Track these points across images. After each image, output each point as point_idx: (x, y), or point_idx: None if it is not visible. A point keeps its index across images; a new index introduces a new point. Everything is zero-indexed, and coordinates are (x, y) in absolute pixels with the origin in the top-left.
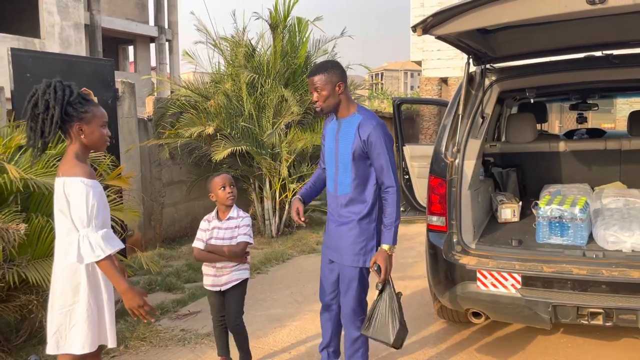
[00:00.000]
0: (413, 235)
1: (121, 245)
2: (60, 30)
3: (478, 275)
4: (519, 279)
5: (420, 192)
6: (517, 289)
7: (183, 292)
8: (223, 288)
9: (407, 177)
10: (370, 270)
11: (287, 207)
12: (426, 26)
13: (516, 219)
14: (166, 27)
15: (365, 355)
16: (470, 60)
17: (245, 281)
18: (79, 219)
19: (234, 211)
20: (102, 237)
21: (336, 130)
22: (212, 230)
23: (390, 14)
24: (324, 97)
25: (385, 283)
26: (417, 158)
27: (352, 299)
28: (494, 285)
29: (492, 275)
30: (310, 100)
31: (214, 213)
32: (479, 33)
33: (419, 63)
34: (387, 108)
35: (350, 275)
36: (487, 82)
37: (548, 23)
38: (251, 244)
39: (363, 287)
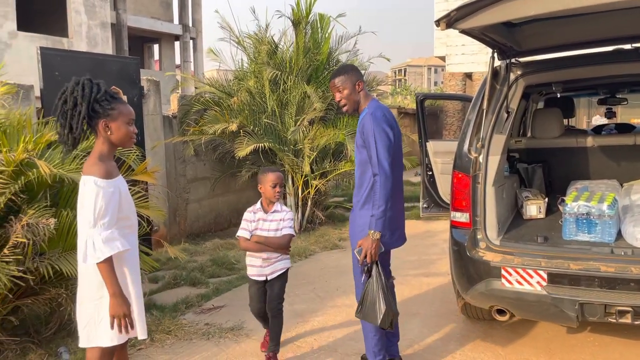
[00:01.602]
0: (436, 232)
1: (123, 248)
2: (87, 30)
3: (502, 272)
4: (545, 276)
5: (444, 188)
6: (543, 286)
7: (207, 286)
8: (269, 277)
9: (431, 173)
10: (354, 252)
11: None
12: (450, 20)
13: (542, 215)
14: (190, 25)
15: (373, 341)
16: (495, 55)
17: (287, 270)
18: (86, 219)
19: (277, 205)
20: (104, 239)
21: None
22: (257, 222)
23: (414, 10)
24: (347, 95)
25: (372, 267)
26: (441, 154)
27: (356, 281)
28: (519, 283)
29: (517, 272)
30: (332, 96)
31: (258, 205)
32: (504, 26)
33: (442, 58)
34: (410, 104)
35: (354, 258)
36: (512, 76)
37: (575, 15)
38: (294, 236)
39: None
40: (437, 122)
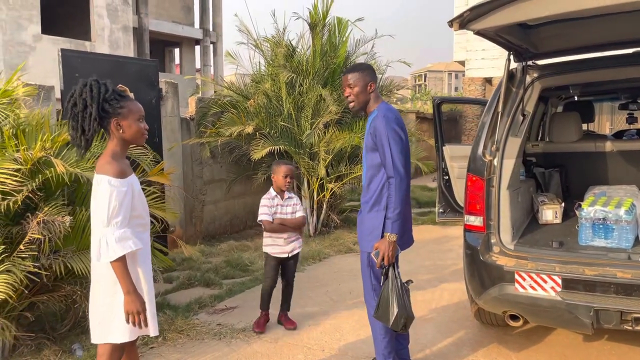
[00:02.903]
0: (452, 237)
1: (136, 247)
2: (109, 33)
3: (516, 276)
4: (559, 281)
5: (460, 193)
6: (557, 291)
7: (221, 287)
8: (290, 254)
9: (447, 177)
10: (371, 255)
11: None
12: (463, 20)
13: (558, 220)
14: (211, 29)
15: (383, 343)
16: (511, 57)
17: (300, 251)
18: (100, 218)
19: (287, 192)
20: (118, 238)
21: None
22: (276, 207)
23: (435, 14)
24: (356, 93)
25: (389, 269)
26: (457, 158)
27: (365, 283)
28: (533, 288)
29: (531, 277)
30: (347, 104)
31: (273, 193)
32: (520, 28)
33: (462, 63)
34: (430, 109)
35: (362, 260)
36: (528, 79)
37: (594, 17)
38: (305, 216)
39: (373, 272)
40: (456, 127)
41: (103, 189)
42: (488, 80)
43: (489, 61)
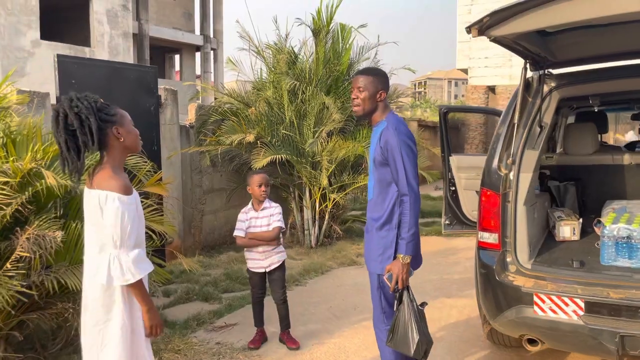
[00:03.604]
0: (458, 250)
1: (151, 268)
2: (109, 39)
3: (535, 299)
4: (582, 304)
5: (468, 204)
6: (580, 315)
7: (220, 302)
8: (268, 269)
9: (454, 188)
10: (384, 278)
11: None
12: (482, 26)
13: (576, 237)
14: (211, 36)
15: None
16: (527, 65)
17: (283, 262)
18: (111, 239)
19: (266, 202)
20: (134, 260)
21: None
22: (249, 220)
23: (435, 21)
24: (364, 97)
25: (404, 292)
26: (464, 169)
27: (375, 307)
28: (553, 311)
29: (551, 300)
30: (351, 107)
31: (249, 205)
32: (538, 35)
33: (465, 71)
34: (430, 117)
35: (372, 281)
36: (545, 88)
37: (616, 24)
38: (283, 228)
39: (384, 296)
40: (458, 136)
41: (114, 208)
42: (491, 89)
43: (492, 69)
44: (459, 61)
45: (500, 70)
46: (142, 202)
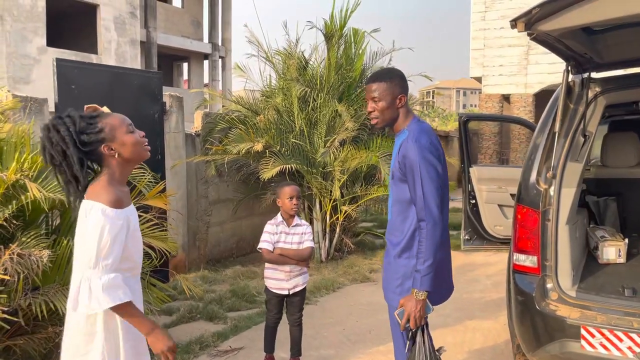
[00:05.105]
0: (477, 265)
1: (128, 298)
2: (116, 47)
3: (583, 332)
4: (639, 340)
5: (489, 219)
6: (636, 353)
7: (225, 322)
8: (291, 292)
9: (474, 202)
10: (394, 314)
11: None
12: (530, 19)
13: (622, 260)
14: (220, 44)
15: None
16: (569, 67)
17: (305, 287)
18: (85, 256)
19: (297, 219)
20: (104, 285)
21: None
22: (279, 234)
23: (446, 30)
24: (382, 108)
25: (417, 332)
26: (485, 181)
27: (395, 343)
28: (604, 347)
29: (602, 334)
30: (365, 115)
31: (280, 218)
32: (584, 33)
33: (478, 79)
34: (440, 126)
35: (391, 315)
36: (590, 94)
37: None
38: (313, 248)
39: (406, 332)
40: (470, 146)
41: (94, 220)
42: (506, 98)
43: (506, 77)
44: (472, 69)
45: (515, 78)
46: (140, 216)
